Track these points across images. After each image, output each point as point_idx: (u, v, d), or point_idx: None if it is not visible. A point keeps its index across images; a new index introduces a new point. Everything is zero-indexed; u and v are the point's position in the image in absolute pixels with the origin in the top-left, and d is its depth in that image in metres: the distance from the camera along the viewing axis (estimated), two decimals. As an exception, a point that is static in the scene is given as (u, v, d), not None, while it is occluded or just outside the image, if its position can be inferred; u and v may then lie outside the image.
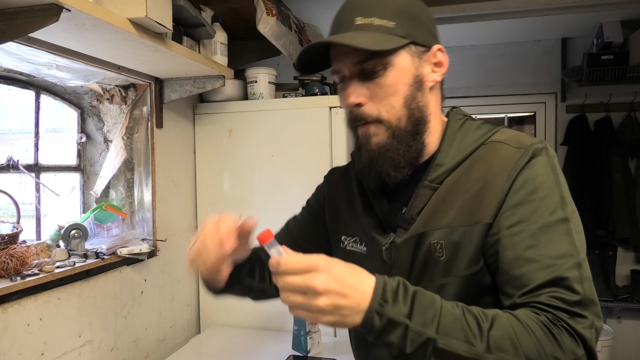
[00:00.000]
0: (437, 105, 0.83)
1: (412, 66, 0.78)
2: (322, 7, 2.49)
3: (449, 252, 0.77)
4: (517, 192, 0.72)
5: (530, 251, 0.69)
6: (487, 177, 0.75)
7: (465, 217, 0.75)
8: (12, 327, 1.19)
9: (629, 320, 3.07)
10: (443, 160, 0.80)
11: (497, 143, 0.78)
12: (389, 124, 0.78)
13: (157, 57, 1.46)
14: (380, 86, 0.77)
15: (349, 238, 0.91)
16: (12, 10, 0.99)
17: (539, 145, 0.76)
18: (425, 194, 0.80)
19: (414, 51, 0.78)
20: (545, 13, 2.45)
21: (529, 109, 3.36)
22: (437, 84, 0.83)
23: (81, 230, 1.53)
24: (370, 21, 0.76)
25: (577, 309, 0.65)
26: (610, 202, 2.96)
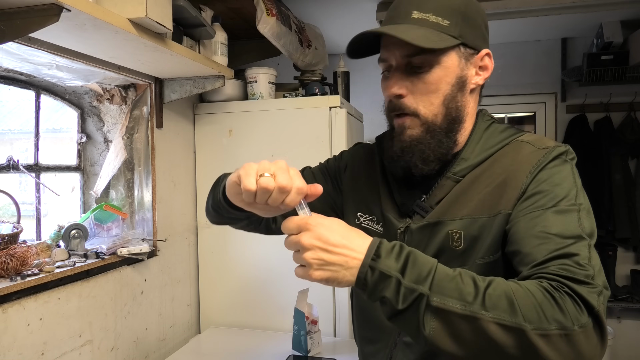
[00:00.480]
0: (474, 107, 0.86)
1: (458, 67, 0.80)
2: (322, 7, 2.49)
3: (467, 243, 0.79)
4: (538, 185, 0.75)
5: (541, 230, 0.70)
6: (509, 171, 0.78)
7: (486, 209, 0.78)
8: (12, 327, 1.19)
9: (629, 320, 3.07)
10: (468, 156, 0.83)
11: (521, 142, 0.82)
12: (425, 119, 0.81)
13: (157, 57, 1.46)
14: (423, 81, 0.79)
15: (366, 215, 0.94)
16: (12, 10, 0.99)
17: (563, 148, 0.79)
18: (447, 185, 0.83)
19: (463, 52, 0.80)
20: (545, 13, 2.45)
21: (529, 109, 3.37)
22: (479, 86, 0.86)
23: (81, 230, 1.53)
24: (427, 17, 0.78)
25: (584, 278, 0.63)
26: (610, 202, 2.97)
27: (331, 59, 2.62)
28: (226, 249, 2.05)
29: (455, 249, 0.79)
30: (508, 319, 0.60)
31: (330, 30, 2.82)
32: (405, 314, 0.64)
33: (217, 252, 2.07)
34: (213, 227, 2.08)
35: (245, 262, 2.03)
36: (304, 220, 0.68)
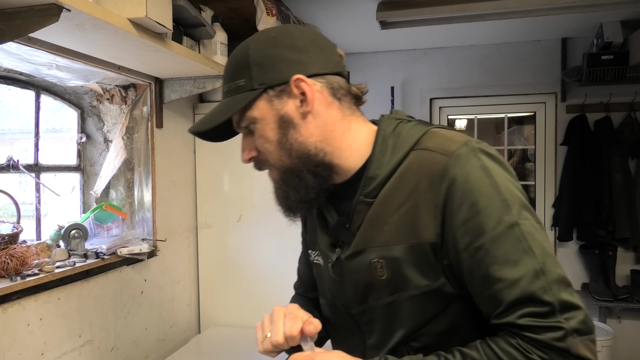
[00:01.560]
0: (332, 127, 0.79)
1: (272, 110, 0.77)
2: (322, 7, 2.49)
3: (389, 272, 0.75)
4: (459, 209, 0.69)
5: (492, 269, 0.67)
6: (417, 192, 0.73)
7: (402, 234, 0.74)
8: (12, 327, 1.19)
9: (629, 320, 3.07)
10: (376, 172, 0.77)
11: (423, 151, 0.75)
12: (276, 166, 0.81)
13: (157, 57, 1.46)
14: (257, 138, 0.80)
15: (314, 252, 0.92)
16: (12, 10, 0.99)
17: (464, 148, 0.71)
18: (362, 209, 0.78)
19: (271, 94, 0.77)
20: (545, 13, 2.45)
21: (529, 109, 3.36)
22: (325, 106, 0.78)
23: (81, 230, 1.53)
24: (229, 86, 0.80)
25: (549, 321, 0.63)
26: (610, 202, 2.96)
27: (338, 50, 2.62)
28: (226, 249, 2.05)
29: (380, 278, 0.76)
30: None
31: (330, 30, 2.82)
32: None
33: (217, 252, 2.07)
34: (213, 227, 2.08)
35: (245, 262, 2.03)
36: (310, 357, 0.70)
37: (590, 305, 3.00)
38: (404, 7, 2.37)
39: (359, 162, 0.80)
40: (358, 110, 0.84)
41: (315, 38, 0.80)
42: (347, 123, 0.80)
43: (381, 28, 2.60)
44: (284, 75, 0.76)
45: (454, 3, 2.35)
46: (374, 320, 0.80)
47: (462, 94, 3.35)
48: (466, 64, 3.32)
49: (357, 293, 0.80)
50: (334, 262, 0.83)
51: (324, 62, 0.79)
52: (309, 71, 0.77)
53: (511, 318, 0.65)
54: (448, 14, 2.43)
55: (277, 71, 0.76)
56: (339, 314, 0.87)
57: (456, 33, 3.02)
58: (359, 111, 0.84)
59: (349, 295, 0.82)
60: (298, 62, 0.77)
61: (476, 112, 3.48)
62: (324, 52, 0.80)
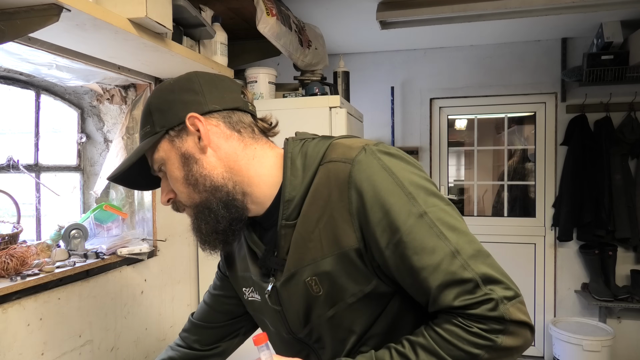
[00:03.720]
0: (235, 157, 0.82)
1: (174, 149, 0.82)
2: (322, 7, 2.49)
3: (325, 286, 0.77)
4: (371, 211, 0.72)
5: (414, 261, 0.70)
6: (330, 203, 0.75)
7: (326, 247, 0.76)
8: (12, 327, 1.19)
9: (629, 320, 3.07)
10: (291, 194, 0.79)
11: (328, 164, 0.77)
12: (190, 205, 0.84)
13: (157, 57, 1.46)
14: (169, 180, 0.84)
15: (248, 289, 0.93)
16: (12, 10, 0.99)
17: (362, 153, 0.75)
18: (287, 233, 0.80)
19: (172, 135, 0.82)
20: (545, 13, 2.45)
21: (529, 109, 3.37)
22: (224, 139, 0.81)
23: (81, 230, 1.53)
24: (140, 134, 0.86)
25: (477, 295, 0.67)
26: (610, 202, 2.97)
27: (331, 59, 2.62)
28: (226, 249, 2.05)
29: (318, 295, 0.78)
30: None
31: (330, 30, 2.82)
32: None
33: (217, 252, 2.07)
34: (213, 227, 2.08)
35: (245, 262, 2.03)
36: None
37: (590, 305, 3.00)
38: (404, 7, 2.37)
39: (272, 188, 0.82)
40: (264, 137, 0.87)
41: (213, 79, 0.86)
42: (250, 152, 0.83)
43: (381, 28, 2.60)
44: (180, 116, 0.81)
45: (454, 3, 2.35)
46: (322, 336, 0.82)
47: (462, 94, 3.35)
48: (466, 64, 3.32)
49: (300, 316, 0.82)
50: (270, 292, 0.84)
51: (219, 100, 0.83)
52: (204, 109, 0.81)
53: (445, 302, 0.69)
54: (448, 14, 2.43)
55: (174, 113, 0.82)
56: (287, 341, 0.88)
57: (456, 33, 3.02)
58: (264, 138, 0.87)
59: (293, 320, 0.84)
60: (193, 102, 0.82)
61: (476, 112, 3.49)
62: (220, 91, 0.84)
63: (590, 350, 2.76)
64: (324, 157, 0.79)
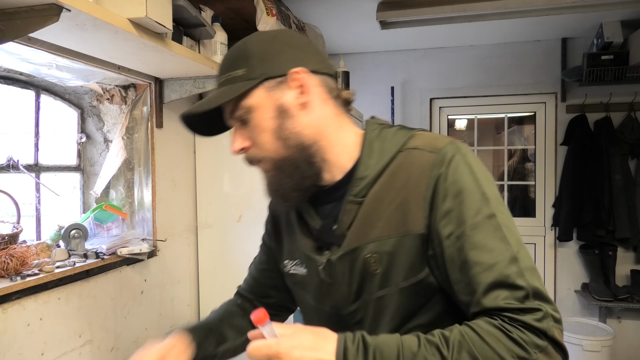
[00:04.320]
0: (327, 121, 0.83)
1: (270, 100, 0.80)
2: (322, 7, 2.49)
3: (384, 265, 0.78)
4: (444, 200, 0.74)
5: (471, 254, 0.71)
6: (407, 187, 0.77)
7: (393, 228, 0.77)
8: (12, 327, 1.19)
9: (629, 320, 3.07)
10: (364, 173, 0.81)
11: (412, 150, 0.79)
12: (270, 159, 0.82)
13: (157, 57, 1.46)
14: (252, 128, 0.82)
15: (291, 262, 0.93)
16: (12, 10, 0.99)
17: (449, 147, 0.77)
18: (352, 209, 0.81)
19: (271, 85, 0.80)
20: (545, 13, 2.45)
21: (529, 109, 3.37)
22: (322, 101, 0.82)
23: (81, 230, 1.53)
24: (227, 76, 0.82)
25: (526, 304, 0.67)
26: (610, 202, 2.96)
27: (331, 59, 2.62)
28: (226, 249, 2.05)
29: (375, 272, 0.79)
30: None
31: (330, 30, 2.82)
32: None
33: (217, 252, 2.07)
34: (213, 227, 2.08)
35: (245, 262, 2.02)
36: (273, 349, 0.69)
37: (590, 305, 3.00)
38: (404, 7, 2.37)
39: (347, 163, 0.83)
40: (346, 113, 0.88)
41: (312, 42, 0.86)
42: (338, 121, 0.84)
43: (381, 28, 2.60)
44: (283, 68, 0.80)
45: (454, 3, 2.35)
46: (365, 318, 0.82)
47: (462, 94, 3.35)
48: (466, 64, 3.32)
49: (351, 291, 0.82)
50: (325, 265, 0.84)
51: (320, 63, 0.83)
52: (309, 68, 0.80)
53: (491, 301, 0.68)
54: (448, 14, 2.43)
55: (278, 64, 0.80)
56: (327, 317, 0.88)
57: (456, 33, 3.02)
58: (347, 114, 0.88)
59: (342, 295, 0.84)
60: (299, 59, 0.81)
61: (476, 112, 3.49)
62: (319, 54, 0.84)
63: (590, 350, 2.76)
64: (405, 144, 0.81)
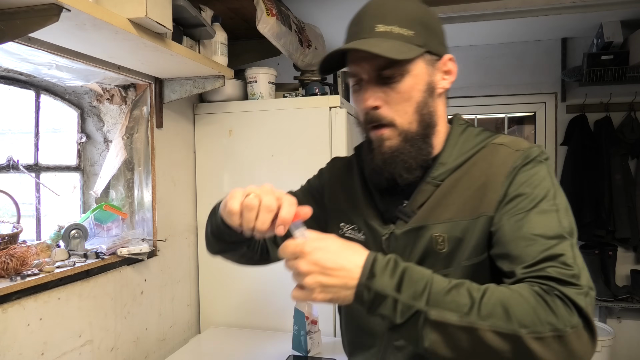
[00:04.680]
0: (443, 110, 0.89)
1: (426, 74, 0.83)
2: (322, 7, 2.49)
3: (450, 245, 0.81)
4: (518, 187, 0.78)
5: (526, 231, 0.73)
6: (488, 174, 0.81)
7: (468, 211, 0.80)
8: (12, 327, 1.19)
9: (629, 320, 3.07)
10: (446, 160, 0.85)
11: (497, 145, 0.84)
12: (402, 128, 0.83)
13: (157, 57, 1.46)
14: (396, 91, 0.81)
15: (348, 225, 0.96)
16: (12, 10, 0.99)
17: (537, 149, 0.82)
18: (427, 190, 0.84)
19: (429, 59, 0.83)
20: (545, 13, 2.45)
21: (529, 109, 3.37)
22: (445, 90, 0.88)
23: (81, 230, 1.53)
24: (391, 29, 0.79)
25: (571, 279, 0.67)
26: (610, 202, 2.96)
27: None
28: (226, 249, 2.05)
29: (440, 252, 0.82)
30: (504, 326, 0.63)
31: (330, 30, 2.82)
32: (405, 327, 0.67)
33: (217, 252, 2.07)
34: (213, 227, 2.08)
35: (245, 262, 2.03)
36: (299, 247, 0.70)
37: (590, 305, 3.00)
38: (404, 7, 2.37)
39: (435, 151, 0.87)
40: None
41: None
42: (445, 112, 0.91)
43: (381, 28, 2.59)
44: (441, 49, 0.85)
45: (454, 3, 2.35)
46: None
47: (462, 94, 3.35)
48: (466, 64, 3.32)
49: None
50: (388, 237, 0.87)
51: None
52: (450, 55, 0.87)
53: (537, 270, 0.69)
54: (448, 13, 2.43)
55: (438, 42, 0.84)
56: None
57: (456, 33, 3.02)
58: None
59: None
60: (445, 45, 0.87)
61: (476, 112, 3.48)
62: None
63: (590, 350, 2.75)
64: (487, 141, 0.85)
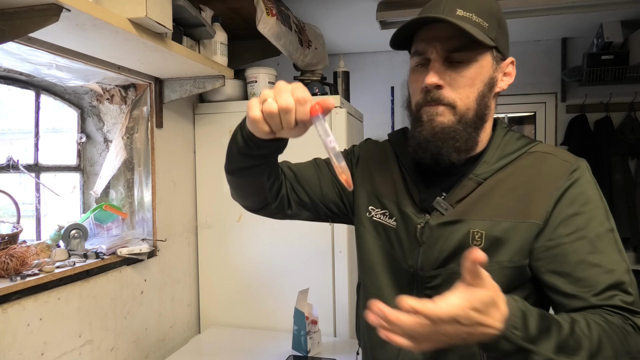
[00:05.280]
0: (494, 109, 0.91)
1: (491, 68, 0.84)
2: (322, 7, 2.49)
3: (487, 243, 0.82)
4: (571, 204, 0.80)
5: (591, 257, 0.77)
6: (536, 181, 0.82)
7: (511, 213, 0.82)
8: (12, 327, 1.19)
9: (629, 320, 3.06)
10: (490, 159, 0.87)
11: (544, 154, 0.86)
12: (460, 111, 0.83)
13: (157, 57, 1.46)
14: (462, 76, 0.82)
15: (377, 209, 0.96)
16: (12, 10, 0.99)
17: (582, 162, 0.85)
18: (469, 186, 0.85)
19: (495, 56, 0.85)
20: (545, 13, 2.45)
21: (529, 109, 3.37)
22: (501, 91, 0.90)
23: (81, 230, 1.53)
24: (470, 16, 0.80)
25: (633, 307, 0.75)
26: (610, 202, 2.96)
27: (331, 59, 2.62)
28: (226, 249, 2.05)
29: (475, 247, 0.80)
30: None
31: (330, 30, 2.82)
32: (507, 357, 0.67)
33: (217, 252, 2.07)
34: (213, 227, 2.08)
35: (245, 262, 2.03)
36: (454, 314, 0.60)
37: (590, 305, 3.00)
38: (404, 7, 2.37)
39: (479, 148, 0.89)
40: None
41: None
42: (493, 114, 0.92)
43: (381, 28, 2.59)
44: (506, 49, 0.87)
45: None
46: (444, 284, 0.83)
47: (462, 94, 3.35)
48: (466, 64, 3.32)
49: (440, 257, 0.85)
50: (423, 226, 0.87)
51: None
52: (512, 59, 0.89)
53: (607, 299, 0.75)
54: (448, 14, 2.42)
55: (505, 42, 0.86)
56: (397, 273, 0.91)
57: (456, 33, 3.01)
58: None
59: (428, 258, 0.86)
60: (509, 48, 0.89)
61: (476, 112, 3.48)
62: None
63: (590, 350, 2.75)
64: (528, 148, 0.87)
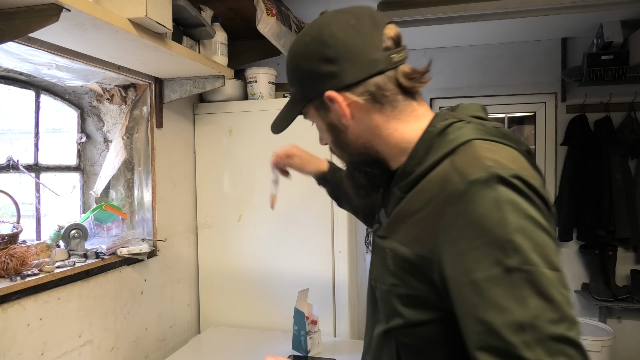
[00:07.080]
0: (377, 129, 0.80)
1: (320, 117, 0.84)
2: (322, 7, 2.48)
3: (396, 265, 0.75)
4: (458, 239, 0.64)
5: (476, 310, 0.61)
6: (430, 205, 0.70)
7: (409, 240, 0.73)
8: (12, 327, 1.19)
9: (629, 320, 3.07)
10: (411, 168, 0.76)
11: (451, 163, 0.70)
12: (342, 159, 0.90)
13: (157, 57, 1.46)
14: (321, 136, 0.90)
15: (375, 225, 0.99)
16: (12, 10, 0.99)
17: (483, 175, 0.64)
18: (395, 199, 0.79)
19: (316, 104, 0.82)
20: (545, 13, 2.45)
21: (529, 109, 3.36)
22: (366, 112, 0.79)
23: (81, 230, 1.53)
24: (288, 87, 0.88)
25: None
26: (610, 202, 2.96)
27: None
28: (226, 249, 2.05)
29: (389, 268, 0.76)
30: None
31: (330, 30, 2.81)
32: None
33: (217, 252, 2.07)
34: (213, 227, 2.08)
35: (245, 262, 2.03)
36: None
37: (590, 305, 3.00)
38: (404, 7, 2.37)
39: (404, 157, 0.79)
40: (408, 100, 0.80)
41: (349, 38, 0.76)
42: (392, 125, 0.80)
43: (381, 28, 2.59)
44: (319, 90, 0.79)
45: (454, 3, 2.35)
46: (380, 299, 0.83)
47: (462, 94, 3.35)
48: (466, 64, 3.32)
49: (373, 268, 0.86)
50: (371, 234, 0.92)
51: (358, 69, 0.76)
52: (341, 84, 0.77)
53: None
54: (448, 14, 2.43)
55: (312, 87, 0.81)
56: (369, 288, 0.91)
57: (456, 33, 3.02)
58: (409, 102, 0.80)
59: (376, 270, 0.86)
60: (330, 76, 0.77)
61: (476, 112, 3.48)
62: (359, 54, 0.76)
63: (590, 350, 2.76)
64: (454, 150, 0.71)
